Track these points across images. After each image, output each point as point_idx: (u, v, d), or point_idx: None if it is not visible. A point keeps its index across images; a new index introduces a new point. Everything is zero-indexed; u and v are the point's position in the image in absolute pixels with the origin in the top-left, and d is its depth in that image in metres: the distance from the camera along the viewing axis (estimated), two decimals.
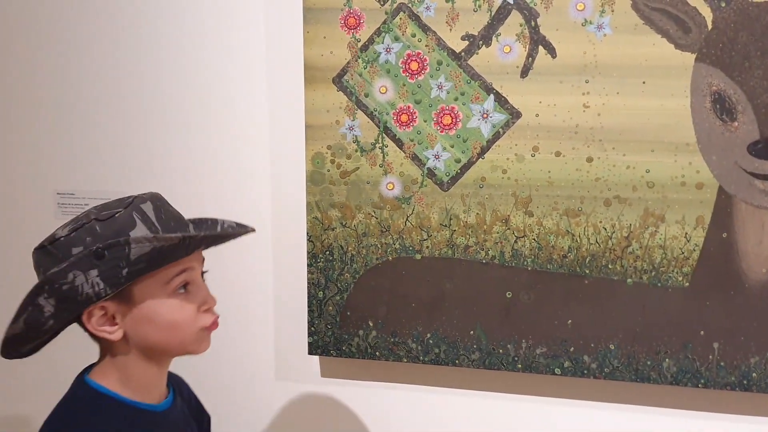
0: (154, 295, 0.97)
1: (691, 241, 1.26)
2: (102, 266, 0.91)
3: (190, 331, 1.00)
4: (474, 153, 1.33)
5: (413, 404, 1.49)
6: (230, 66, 1.44)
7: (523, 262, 1.34)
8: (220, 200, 1.50)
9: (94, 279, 0.91)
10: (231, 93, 1.45)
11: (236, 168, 1.48)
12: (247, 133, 1.46)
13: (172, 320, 0.98)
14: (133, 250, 0.91)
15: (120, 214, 0.94)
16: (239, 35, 1.42)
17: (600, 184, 1.28)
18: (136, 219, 0.94)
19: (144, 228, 0.94)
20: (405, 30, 1.31)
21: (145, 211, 0.96)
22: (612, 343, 1.32)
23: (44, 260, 0.94)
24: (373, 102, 1.35)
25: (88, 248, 0.91)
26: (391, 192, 1.38)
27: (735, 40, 1.18)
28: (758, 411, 1.32)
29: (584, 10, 1.23)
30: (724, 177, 1.23)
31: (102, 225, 0.93)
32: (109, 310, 0.97)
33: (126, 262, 0.92)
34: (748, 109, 1.19)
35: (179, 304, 0.98)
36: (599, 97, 1.25)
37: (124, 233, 0.93)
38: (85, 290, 0.92)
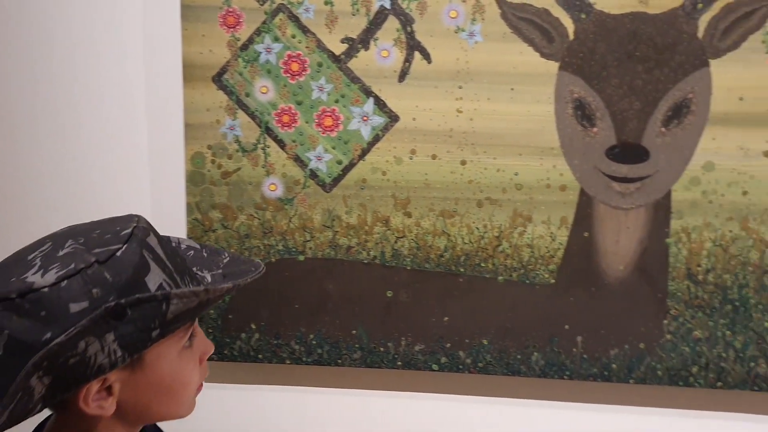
0: (167, 355, 0.74)
1: (556, 240, 1.28)
2: (123, 328, 0.66)
3: (192, 394, 0.80)
4: (355, 155, 1.30)
5: (297, 405, 1.43)
6: (106, 62, 1.33)
7: (402, 261, 1.32)
8: (98, 202, 1.39)
9: (111, 345, 0.66)
10: (107, 90, 1.34)
11: (113, 168, 1.37)
12: (124, 132, 1.35)
13: (181, 383, 0.76)
14: (172, 307, 0.68)
15: (123, 252, 0.69)
16: (115, 31, 1.32)
17: (473, 186, 1.28)
18: (148, 259, 0.70)
19: (159, 270, 0.70)
20: (285, 31, 1.26)
21: (153, 248, 0.71)
22: (485, 338, 1.31)
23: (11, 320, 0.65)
24: (254, 102, 1.29)
25: (100, 304, 0.65)
26: (273, 193, 1.33)
27: (594, 50, 1.21)
28: (618, 400, 1.35)
29: (457, 18, 1.23)
30: (585, 179, 1.25)
31: (106, 269, 0.67)
32: (109, 379, 0.71)
33: (160, 322, 0.68)
34: (606, 115, 1.23)
35: (187, 362, 0.77)
36: (471, 102, 1.25)
37: (140, 279, 0.68)
38: (98, 361, 0.66)
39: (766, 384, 1.25)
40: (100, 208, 1.39)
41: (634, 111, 1.21)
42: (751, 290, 1.24)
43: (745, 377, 1.26)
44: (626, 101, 1.21)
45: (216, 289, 0.72)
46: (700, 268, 1.25)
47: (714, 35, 1.18)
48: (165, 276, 0.71)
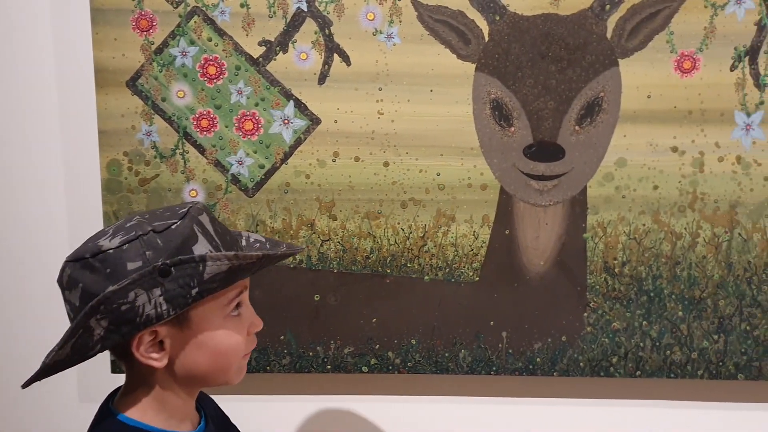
0: (212, 318, 0.83)
1: (479, 239, 1.28)
2: (168, 285, 0.76)
3: (237, 358, 0.87)
4: (277, 158, 1.27)
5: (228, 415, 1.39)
6: (16, 69, 1.26)
7: (329, 264, 1.30)
8: (12, 212, 1.31)
9: (158, 299, 0.76)
10: (18, 97, 1.27)
11: (28, 177, 1.30)
12: (37, 139, 1.28)
13: (227, 346, 0.84)
14: (208, 269, 0.77)
15: (177, 225, 0.79)
16: (24, 37, 1.26)
17: (396, 187, 1.27)
18: (197, 232, 0.79)
19: (206, 242, 0.79)
20: (200, 34, 1.22)
21: (204, 224, 0.81)
22: (413, 337, 1.30)
23: (85, 276, 0.77)
24: (171, 106, 1.24)
25: (151, 264, 0.76)
26: (194, 199, 1.28)
27: (509, 51, 1.22)
28: (543, 393, 1.36)
29: (374, 20, 1.22)
30: (504, 178, 1.26)
31: (160, 237, 0.78)
32: (160, 333, 0.81)
33: (198, 281, 0.77)
34: (522, 115, 1.24)
35: (234, 328, 0.85)
36: (392, 104, 1.24)
37: (188, 247, 0.78)
38: (146, 311, 0.76)
39: (681, 371, 1.29)
40: (15, 219, 1.31)
41: (549, 110, 1.22)
42: (664, 281, 1.27)
43: (661, 365, 1.29)
44: (541, 101, 1.22)
45: (245, 255, 0.80)
46: (616, 261, 1.27)
47: (622, 35, 1.21)
48: (211, 247, 0.80)
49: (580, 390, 1.35)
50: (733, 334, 1.27)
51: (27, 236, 1.33)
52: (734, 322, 1.27)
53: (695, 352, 1.28)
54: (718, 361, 1.28)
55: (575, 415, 1.37)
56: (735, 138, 1.23)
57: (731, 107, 1.22)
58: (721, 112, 1.23)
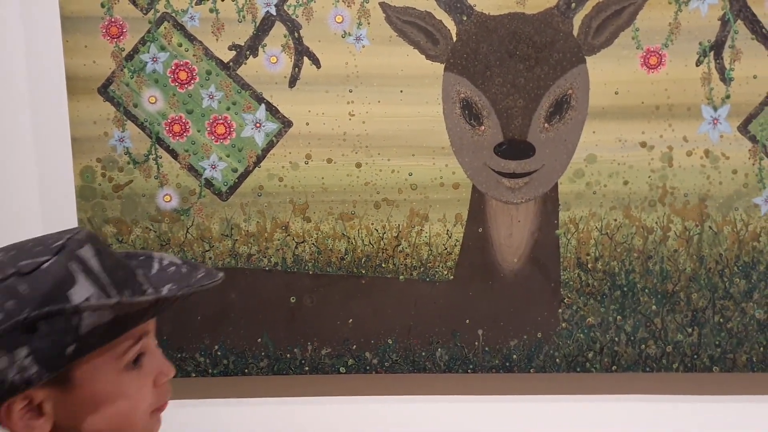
0: (102, 375, 0.68)
1: (453, 237, 1.27)
2: (36, 343, 0.62)
3: (143, 417, 0.73)
4: (250, 162, 1.25)
5: (205, 419, 1.37)
6: None
7: (304, 267, 1.28)
8: None
9: (23, 361, 0.62)
10: None
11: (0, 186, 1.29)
12: (10, 148, 1.27)
13: (126, 407, 0.70)
14: (85, 321, 0.62)
15: (49, 265, 0.64)
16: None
17: (369, 188, 1.26)
18: (74, 271, 0.65)
19: (87, 284, 0.65)
20: (171, 39, 1.21)
21: (85, 260, 0.66)
22: (390, 337, 1.29)
23: None
24: (143, 112, 1.23)
25: (12, 318, 0.61)
26: (168, 204, 1.27)
27: (477, 51, 1.21)
28: (520, 390, 1.34)
29: (343, 23, 1.21)
30: (476, 176, 1.24)
31: (26, 282, 0.63)
32: (36, 397, 0.66)
33: (73, 337, 0.62)
34: (492, 114, 1.23)
35: (134, 382, 0.71)
36: (363, 105, 1.22)
37: (62, 293, 0.63)
38: (9, 377, 0.62)
39: (656, 364, 1.28)
40: None
41: (518, 108, 1.22)
42: (637, 275, 1.26)
43: (637, 359, 1.28)
44: (510, 99, 1.21)
45: (132, 303, 0.66)
46: (589, 257, 1.26)
47: (588, 33, 1.20)
48: (96, 289, 0.66)
49: (557, 386, 1.34)
50: (707, 327, 1.26)
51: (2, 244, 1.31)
52: (707, 315, 1.26)
53: (670, 346, 1.27)
54: (693, 354, 1.27)
55: (553, 411, 1.35)
56: (702, 132, 1.23)
57: (698, 102, 1.22)
58: (688, 107, 1.22)
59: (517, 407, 1.35)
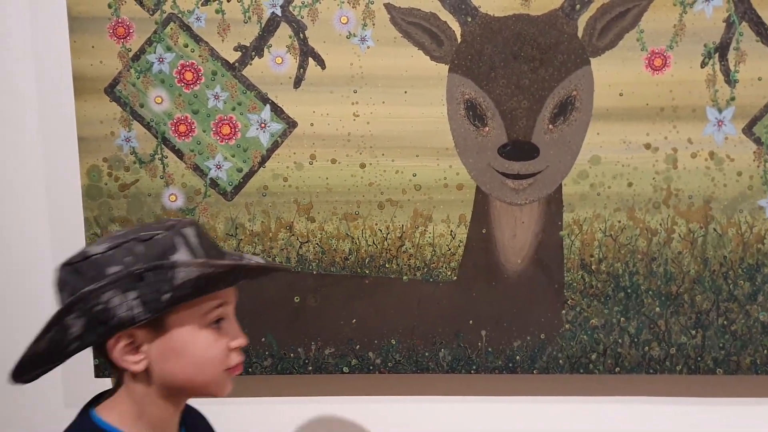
0: (188, 327, 0.83)
1: (456, 238, 1.26)
2: (142, 289, 0.78)
3: (217, 371, 0.86)
4: (255, 162, 1.26)
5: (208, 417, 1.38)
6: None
7: (308, 266, 1.28)
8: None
9: (132, 302, 0.78)
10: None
11: (9, 185, 1.29)
12: (18, 147, 1.28)
13: (203, 356, 0.84)
14: (178, 275, 0.79)
15: (161, 236, 0.82)
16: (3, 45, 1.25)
17: (373, 188, 1.26)
18: (177, 243, 0.82)
19: (186, 253, 0.82)
20: (177, 40, 1.22)
21: (187, 236, 0.83)
22: (393, 338, 1.28)
23: (72, 279, 0.80)
24: (149, 112, 1.23)
25: (128, 269, 0.78)
26: (174, 204, 1.27)
27: (482, 52, 1.21)
28: (523, 391, 1.34)
29: (348, 24, 1.21)
30: (480, 177, 1.25)
31: (143, 245, 0.81)
32: (137, 338, 0.82)
33: (169, 287, 0.79)
34: (496, 115, 1.23)
35: (212, 339, 0.84)
36: (367, 106, 1.23)
37: (166, 256, 0.81)
38: (119, 313, 0.78)
39: (659, 366, 1.27)
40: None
41: (522, 110, 1.21)
42: (641, 277, 1.26)
43: (640, 361, 1.27)
44: (514, 100, 1.21)
45: (215, 263, 0.81)
46: (593, 258, 1.26)
47: (592, 35, 1.20)
48: (191, 257, 0.82)
49: (560, 387, 1.34)
50: (711, 329, 1.26)
51: (9, 243, 1.32)
52: (711, 317, 1.26)
53: (673, 348, 1.27)
54: (697, 356, 1.27)
55: (556, 412, 1.35)
56: (707, 134, 1.22)
57: (703, 103, 1.21)
58: (692, 109, 1.22)
59: (520, 408, 1.35)
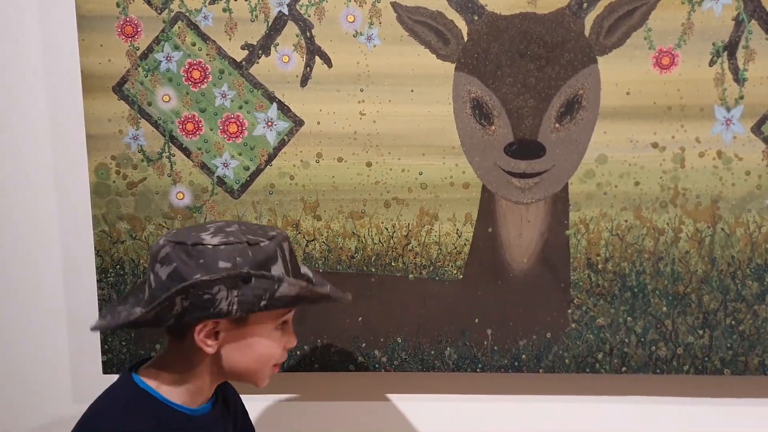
0: (264, 326, 0.93)
1: (462, 237, 1.26)
2: (245, 290, 0.87)
3: (270, 366, 0.96)
4: (262, 160, 1.26)
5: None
6: (5, 75, 1.26)
7: (314, 264, 1.28)
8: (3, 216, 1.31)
9: (233, 299, 0.87)
10: (7, 104, 1.26)
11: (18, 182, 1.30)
12: (27, 145, 1.28)
13: (267, 352, 0.94)
14: (280, 289, 0.88)
15: (266, 244, 0.90)
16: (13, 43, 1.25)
17: (380, 186, 1.25)
18: (278, 255, 0.91)
19: (281, 266, 0.90)
20: (184, 39, 1.22)
21: (284, 250, 0.92)
22: (399, 336, 1.28)
23: (181, 258, 0.87)
24: (157, 111, 1.24)
25: (239, 269, 0.86)
26: (181, 201, 1.27)
27: (488, 51, 1.21)
28: (529, 390, 1.33)
29: (354, 22, 1.21)
30: (486, 176, 1.24)
31: (251, 250, 0.88)
32: (220, 326, 0.90)
33: (268, 296, 0.88)
34: (503, 113, 1.22)
35: (276, 339, 0.95)
36: (374, 104, 1.22)
37: (268, 265, 0.89)
38: (220, 306, 0.86)
39: (666, 366, 1.26)
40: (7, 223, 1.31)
41: (528, 108, 1.21)
42: (647, 276, 1.25)
43: (647, 360, 1.26)
44: (521, 99, 1.21)
45: (313, 290, 0.93)
46: (599, 258, 1.25)
47: (600, 33, 1.19)
48: (284, 270, 0.91)
49: (566, 386, 1.33)
50: (719, 329, 1.25)
51: (18, 240, 1.32)
52: (719, 317, 1.25)
53: (681, 348, 1.26)
54: (704, 357, 1.25)
55: (561, 412, 1.34)
56: (715, 133, 1.21)
57: (711, 102, 1.20)
58: (700, 108, 1.20)
59: (526, 407, 1.35)
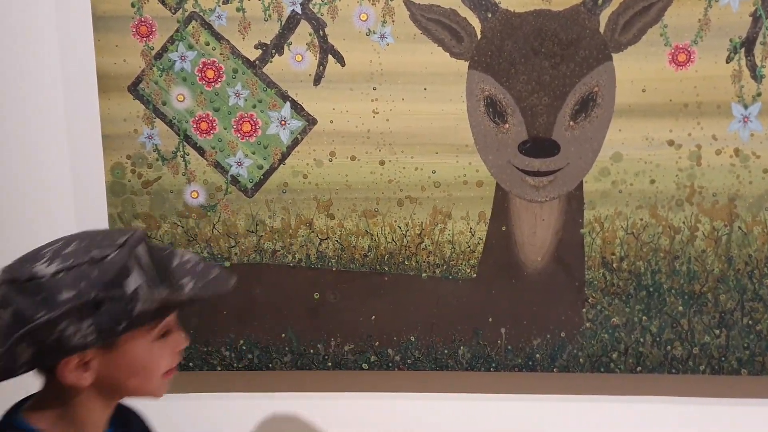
0: (139, 343, 0.84)
1: (476, 235, 1.25)
2: (98, 317, 0.77)
3: (159, 376, 0.88)
4: (275, 159, 1.26)
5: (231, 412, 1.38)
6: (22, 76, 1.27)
7: (327, 263, 1.28)
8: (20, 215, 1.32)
9: (87, 329, 0.76)
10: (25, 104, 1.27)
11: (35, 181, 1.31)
12: (43, 144, 1.29)
13: (152, 367, 0.86)
14: (137, 306, 0.78)
15: (114, 257, 0.79)
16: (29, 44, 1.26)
17: (393, 185, 1.25)
18: (131, 265, 0.79)
19: (139, 276, 0.79)
20: (198, 38, 1.22)
21: (140, 256, 0.82)
22: (412, 335, 1.28)
23: (18, 298, 0.76)
24: (171, 110, 1.24)
25: (85, 296, 0.76)
26: (195, 200, 1.28)
27: (502, 48, 1.20)
28: (543, 389, 1.32)
29: (367, 21, 1.20)
30: (499, 175, 1.23)
31: (97, 269, 0.77)
32: (88, 356, 0.81)
33: (126, 317, 0.78)
34: (517, 111, 1.21)
35: (159, 350, 0.86)
36: (387, 103, 1.22)
37: (120, 280, 0.78)
38: (73, 341, 0.76)
39: (682, 366, 1.25)
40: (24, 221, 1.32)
41: (543, 106, 1.20)
42: (663, 275, 1.23)
43: (662, 360, 1.25)
44: (535, 97, 1.19)
45: (174, 300, 0.83)
46: (614, 256, 1.24)
47: (615, 30, 1.18)
48: (144, 279, 0.80)
49: (580, 386, 1.32)
50: (735, 329, 1.23)
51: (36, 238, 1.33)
52: (736, 317, 1.23)
53: (696, 347, 1.24)
54: (720, 357, 1.24)
55: (576, 411, 1.33)
56: (732, 130, 1.19)
57: (728, 99, 1.18)
58: (717, 105, 1.19)
59: (540, 406, 1.34)
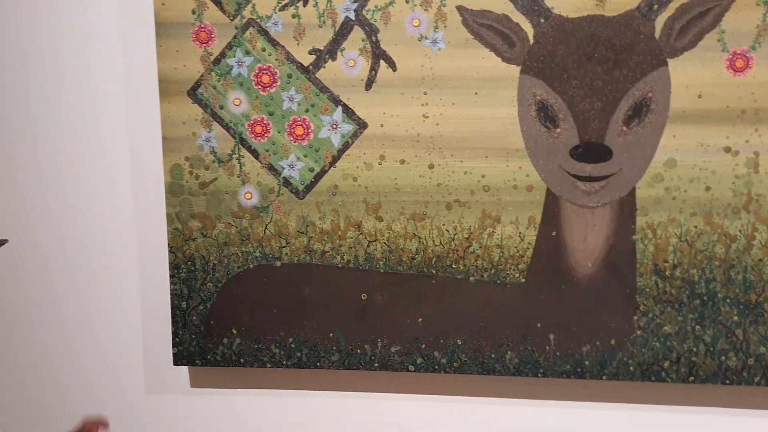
0: None
1: (525, 240, 1.24)
2: None
3: None
4: (326, 162, 1.28)
5: (279, 409, 1.40)
6: (87, 80, 1.32)
7: (375, 265, 1.29)
8: (84, 213, 1.37)
9: None
10: (89, 107, 1.32)
11: (98, 181, 1.36)
12: (107, 145, 1.34)
13: None
14: None
15: None
16: (94, 50, 1.31)
17: (441, 189, 1.25)
18: None
19: None
20: (255, 44, 1.25)
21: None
22: (459, 338, 1.28)
23: None
24: (228, 114, 1.28)
25: None
26: (249, 201, 1.31)
27: (554, 53, 1.19)
28: (593, 397, 1.30)
29: (420, 26, 1.21)
30: (550, 179, 1.22)
31: None
32: None
33: None
34: (568, 116, 1.20)
35: None
36: (437, 107, 1.22)
37: None
38: None
39: (737, 377, 1.21)
40: (87, 219, 1.37)
41: (595, 111, 1.18)
42: (718, 284, 1.20)
43: (716, 371, 1.22)
44: (587, 102, 1.18)
45: None
46: (667, 264, 1.21)
47: (670, 35, 1.16)
48: None
49: (630, 394, 1.29)
50: None
51: (98, 236, 1.38)
52: None
53: (752, 358, 1.20)
54: None
55: (626, 420, 1.30)
56: None
57: None
58: None
59: (588, 414, 1.31)
